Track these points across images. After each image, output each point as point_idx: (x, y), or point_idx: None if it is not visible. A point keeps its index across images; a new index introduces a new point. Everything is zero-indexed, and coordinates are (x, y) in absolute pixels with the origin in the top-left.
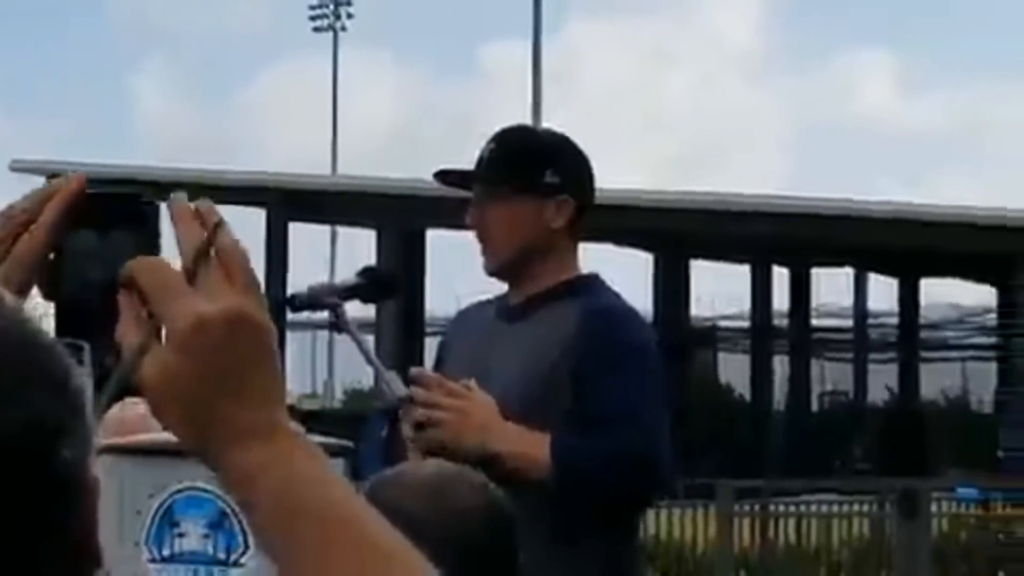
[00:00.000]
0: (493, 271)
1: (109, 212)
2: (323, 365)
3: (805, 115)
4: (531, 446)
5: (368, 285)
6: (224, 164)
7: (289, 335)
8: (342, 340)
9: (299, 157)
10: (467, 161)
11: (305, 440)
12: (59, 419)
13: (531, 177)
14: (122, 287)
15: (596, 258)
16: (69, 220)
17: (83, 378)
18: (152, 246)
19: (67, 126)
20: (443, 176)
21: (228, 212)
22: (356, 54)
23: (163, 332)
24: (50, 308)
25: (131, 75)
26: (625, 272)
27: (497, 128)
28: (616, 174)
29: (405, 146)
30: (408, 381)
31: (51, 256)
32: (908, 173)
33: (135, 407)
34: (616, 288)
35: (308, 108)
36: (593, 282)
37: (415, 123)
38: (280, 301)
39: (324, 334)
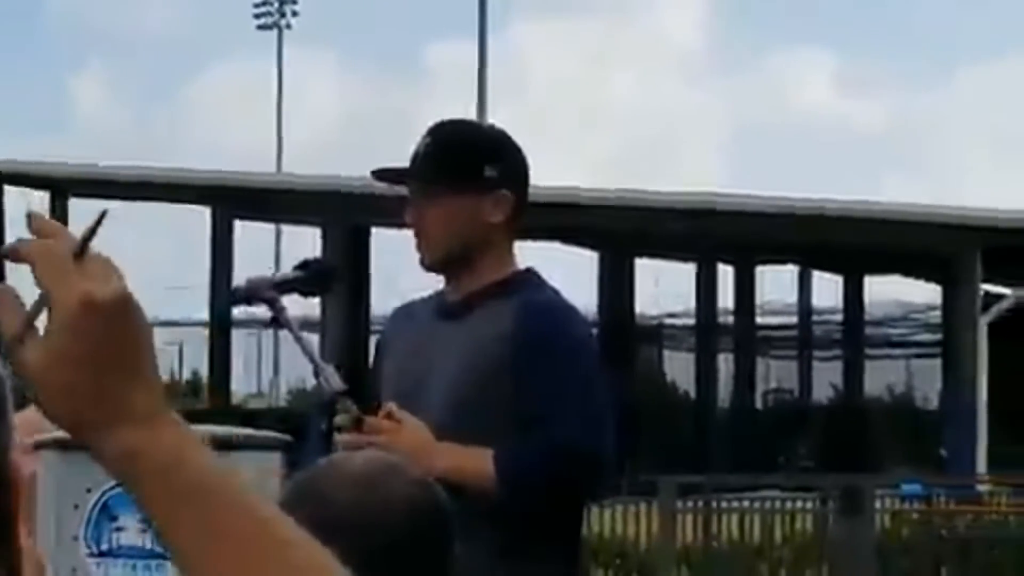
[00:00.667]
0: (429, 265)
1: None
2: (269, 364)
3: (747, 114)
4: (470, 462)
5: (307, 278)
6: (168, 162)
7: (235, 334)
8: (288, 339)
9: (244, 155)
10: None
11: (189, 429)
12: None
13: (469, 172)
14: (12, 261)
15: (541, 256)
16: None
17: (1, 373)
18: None
19: (9, 124)
20: (381, 174)
21: (173, 210)
22: (301, 52)
23: (50, 311)
24: None
25: (72, 73)
26: (570, 270)
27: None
28: (560, 172)
29: (350, 144)
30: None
31: None
32: (850, 172)
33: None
34: (560, 286)
35: (253, 106)
36: (531, 278)
37: (360, 121)
38: (225, 298)
39: (270, 333)
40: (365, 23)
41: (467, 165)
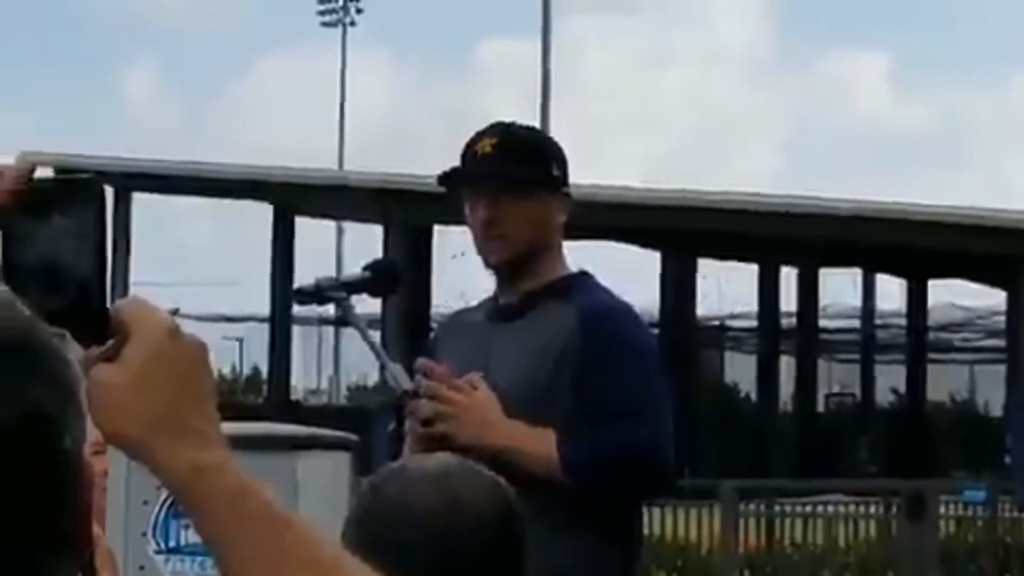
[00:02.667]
0: (500, 263)
1: (54, 196)
2: (329, 360)
3: (804, 115)
4: (534, 443)
5: (373, 279)
6: (231, 158)
7: (295, 330)
8: (348, 336)
9: (306, 152)
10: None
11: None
12: (57, 411)
13: (542, 171)
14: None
15: (603, 256)
16: (12, 204)
17: (77, 368)
18: (98, 230)
19: (68, 118)
20: (449, 176)
21: (234, 207)
22: (363, 49)
23: (130, 342)
24: None
25: (129, 69)
26: (632, 270)
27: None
28: (614, 173)
29: (411, 141)
30: (415, 370)
31: None
32: (903, 174)
33: None
34: (623, 287)
35: (315, 102)
36: (587, 280)
37: (421, 118)
38: (289, 295)
39: (330, 330)
40: (427, 21)
41: (541, 164)
